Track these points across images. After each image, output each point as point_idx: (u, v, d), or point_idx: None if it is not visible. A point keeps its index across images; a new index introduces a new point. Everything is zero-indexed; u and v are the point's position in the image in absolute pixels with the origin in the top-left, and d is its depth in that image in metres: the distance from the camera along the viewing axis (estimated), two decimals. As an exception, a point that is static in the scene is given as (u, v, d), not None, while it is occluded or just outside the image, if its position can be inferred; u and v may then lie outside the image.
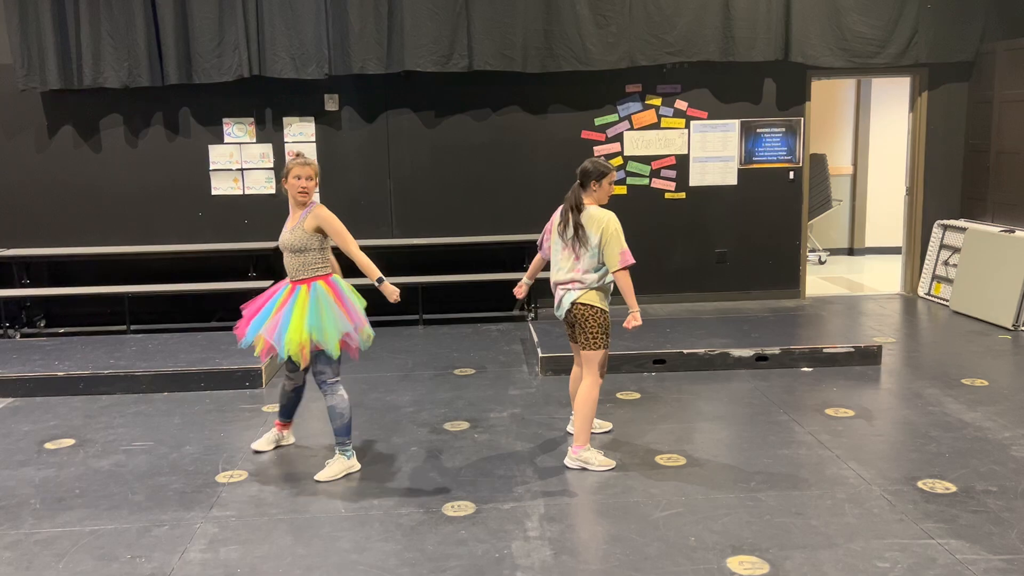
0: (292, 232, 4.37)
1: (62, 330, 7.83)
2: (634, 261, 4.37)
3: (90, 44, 7.41)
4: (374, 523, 3.89)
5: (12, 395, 5.84)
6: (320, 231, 4.38)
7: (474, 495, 4.15)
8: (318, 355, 4.33)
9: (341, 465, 4.44)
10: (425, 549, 3.64)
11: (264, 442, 4.79)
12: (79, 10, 7.37)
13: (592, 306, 4.39)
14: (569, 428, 4.86)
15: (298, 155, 4.41)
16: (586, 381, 4.45)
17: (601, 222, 4.34)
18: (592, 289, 4.40)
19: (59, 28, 7.39)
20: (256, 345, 4.40)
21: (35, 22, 7.38)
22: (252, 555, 3.63)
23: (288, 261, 4.41)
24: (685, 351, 6.10)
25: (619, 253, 4.32)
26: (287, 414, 4.81)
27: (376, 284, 4.39)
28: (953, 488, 4.11)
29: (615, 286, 4.43)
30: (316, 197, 4.83)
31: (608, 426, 4.99)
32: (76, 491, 4.31)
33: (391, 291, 4.39)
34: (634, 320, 4.35)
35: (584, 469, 4.43)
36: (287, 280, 4.46)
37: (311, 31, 7.44)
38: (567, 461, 4.48)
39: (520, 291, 4.90)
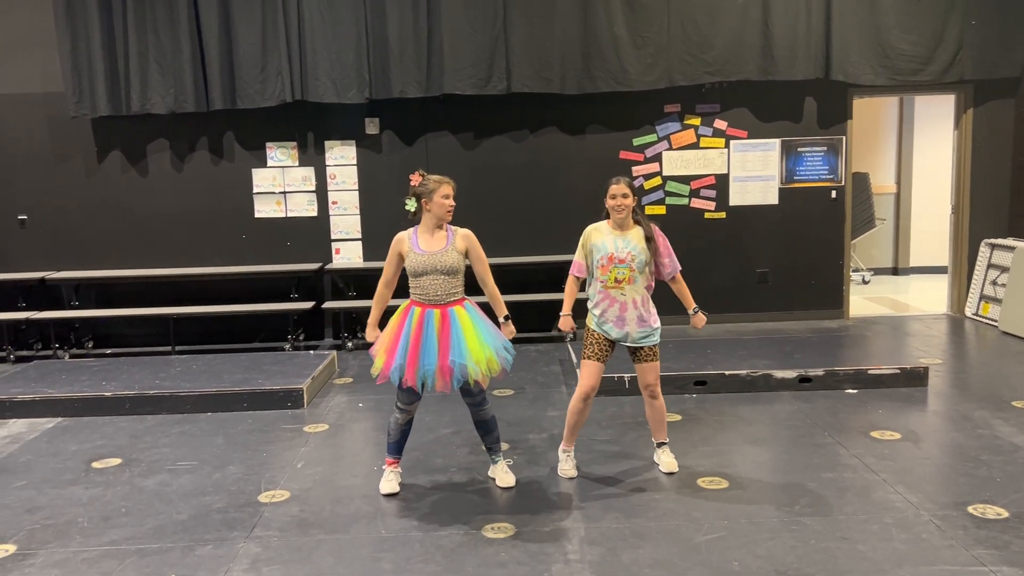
0: (447, 253, 4.24)
1: (109, 351, 7.99)
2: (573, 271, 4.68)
3: (138, 71, 7.60)
4: (414, 544, 3.89)
5: (61, 415, 5.97)
6: (465, 253, 4.34)
7: (514, 517, 4.14)
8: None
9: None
10: (465, 571, 3.63)
11: (391, 485, 4.47)
12: (128, 38, 7.58)
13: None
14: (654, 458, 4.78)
15: (424, 175, 4.30)
16: None
17: None
18: None
19: (108, 56, 7.60)
20: (432, 379, 4.15)
21: (85, 51, 7.60)
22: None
23: (437, 284, 4.23)
24: (727, 372, 6.04)
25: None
26: (400, 449, 4.53)
27: (502, 321, 4.43)
28: (1005, 514, 4.00)
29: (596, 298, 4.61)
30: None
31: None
32: (122, 510, 4.38)
33: (511, 331, 4.42)
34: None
35: None
36: (414, 305, 4.26)
37: (352, 56, 7.56)
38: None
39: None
